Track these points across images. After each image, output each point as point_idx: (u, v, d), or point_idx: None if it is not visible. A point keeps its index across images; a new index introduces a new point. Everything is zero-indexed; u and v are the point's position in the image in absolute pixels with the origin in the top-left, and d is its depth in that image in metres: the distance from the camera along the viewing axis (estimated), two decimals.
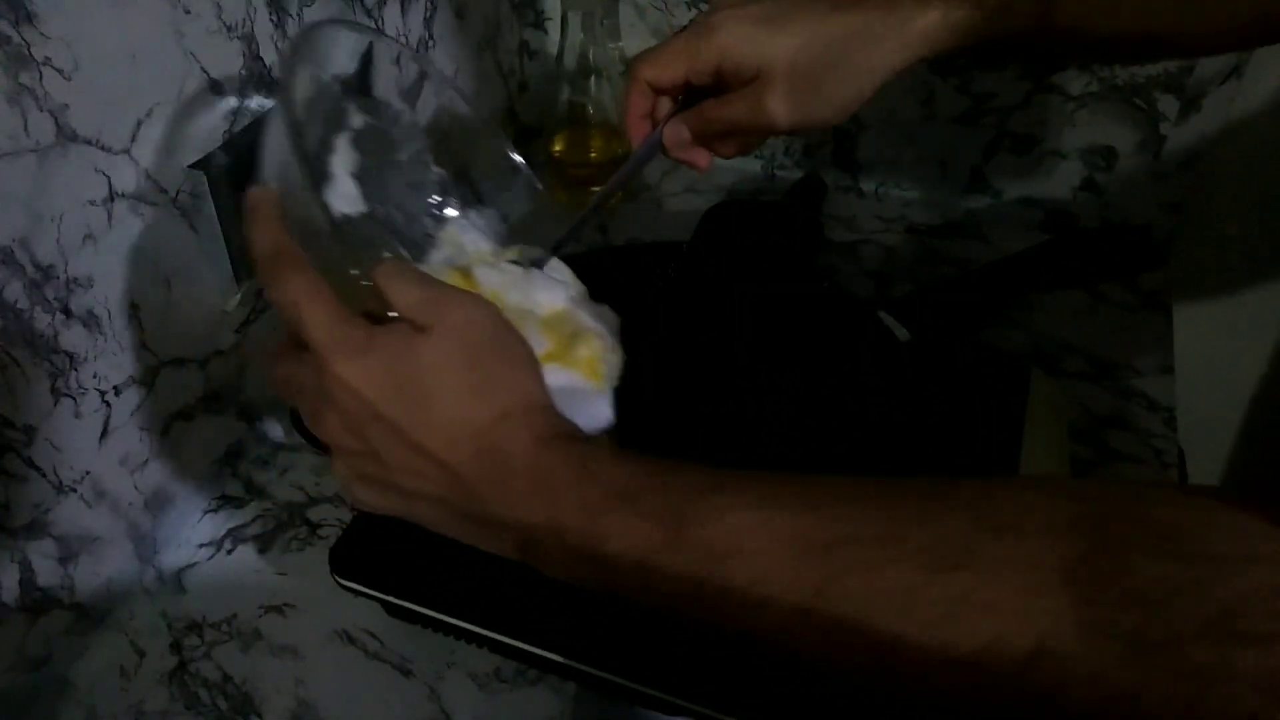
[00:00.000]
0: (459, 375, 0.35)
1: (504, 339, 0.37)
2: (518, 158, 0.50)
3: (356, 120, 0.46)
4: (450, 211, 0.50)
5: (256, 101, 0.55)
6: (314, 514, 0.59)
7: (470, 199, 0.51)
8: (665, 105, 0.50)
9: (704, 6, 0.79)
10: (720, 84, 0.48)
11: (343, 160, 0.45)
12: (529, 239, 0.48)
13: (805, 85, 0.47)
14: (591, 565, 0.33)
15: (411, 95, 0.48)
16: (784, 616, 0.30)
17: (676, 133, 0.50)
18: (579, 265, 0.46)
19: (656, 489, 0.33)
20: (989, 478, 0.31)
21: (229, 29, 0.52)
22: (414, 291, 0.36)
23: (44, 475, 0.47)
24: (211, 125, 0.52)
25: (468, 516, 0.36)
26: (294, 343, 0.38)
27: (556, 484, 0.34)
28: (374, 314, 0.37)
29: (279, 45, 0.56)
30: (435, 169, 0.50)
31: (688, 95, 0.49)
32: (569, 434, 0.36)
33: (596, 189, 0.53)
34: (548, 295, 0.42)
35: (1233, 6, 0.46)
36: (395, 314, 0.36)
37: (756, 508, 0.31)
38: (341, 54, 0.45)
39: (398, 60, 0.47)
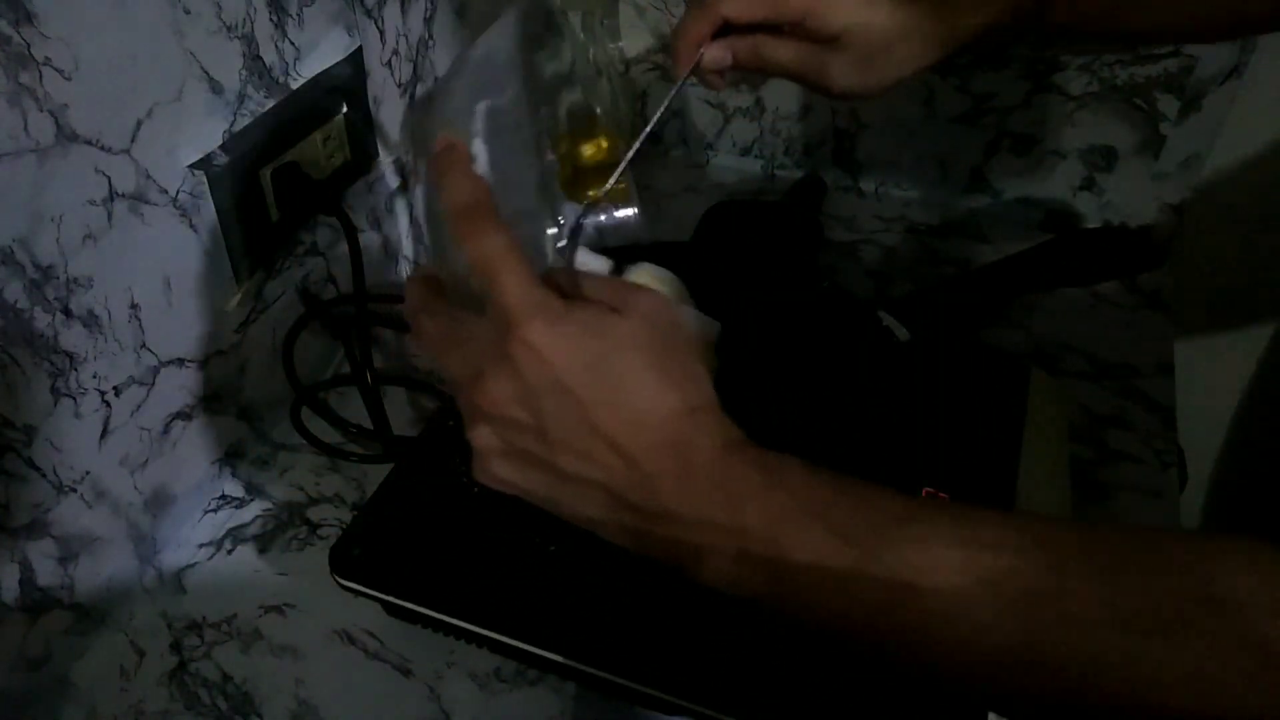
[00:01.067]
0: (651, 362, 0.34)
1: (685, 335, 0.36)
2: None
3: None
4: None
5: (256, 101, 0.55)
6: (314, 514, 0.59)
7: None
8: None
9: None
10: (786, 30, 0.50)
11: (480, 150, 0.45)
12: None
13: (870, 56, 0.48)
14: (768, 575, 0.32)
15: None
16: (979, 659, 0.30)
17: (721, 57, 0.50)
18: None
19: (850, 506, 0.32)
20: (1199, 534, 0.30)
21: (229, 29, 0.52)
22: (602, 278, 0.35)
23: (44, 475, 0.47)
24: (211, 125, 0.52)
25: (633, 509, 0.34)
26: (464, 299, 0.36)
27: (744, 487, 0.33)
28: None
29: (279, 45, 0.56)
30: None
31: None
32: (749, 440, 0.35)
33: (593, 192, 0.52)
34: None
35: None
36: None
37: (959, 545, 0.30)
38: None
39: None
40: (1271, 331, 0.82)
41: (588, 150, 0.69)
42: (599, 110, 0.78)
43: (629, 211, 0.46)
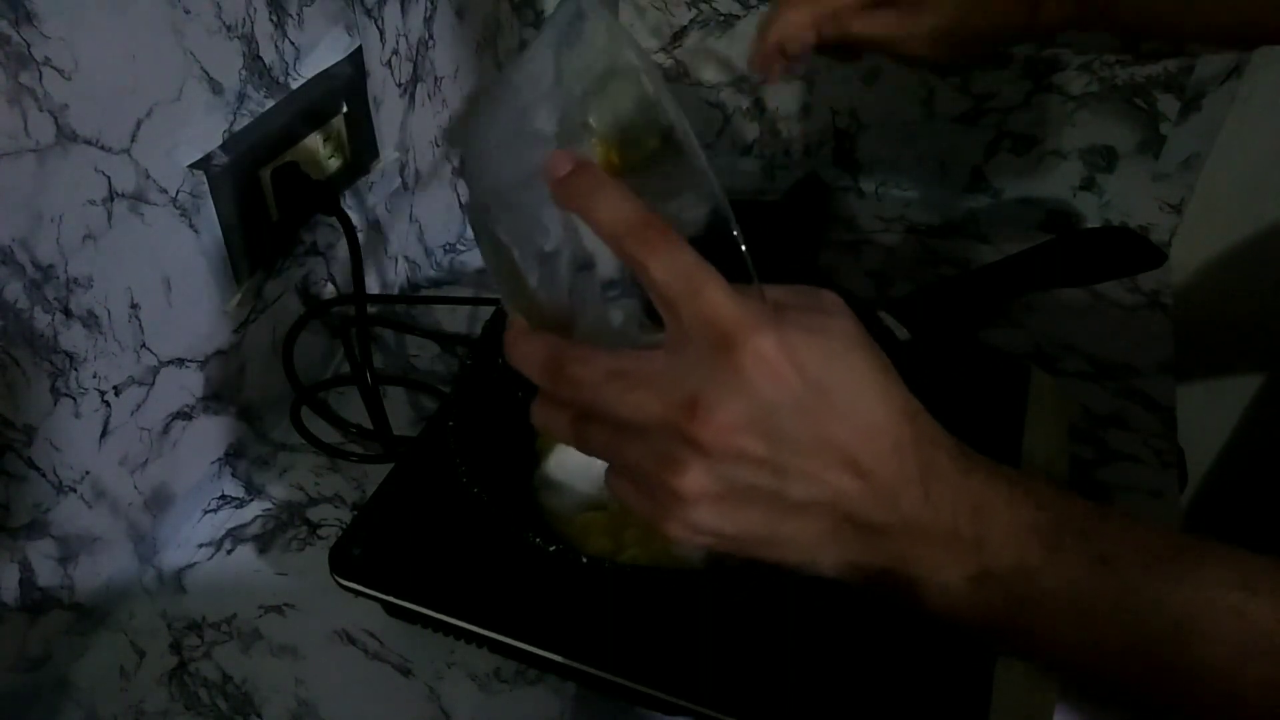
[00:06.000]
0: (872, 361, 0.31)
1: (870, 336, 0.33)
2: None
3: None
4: None
5: (256, 101, 0.55)
6: (314, 514, 0.59)
7: None
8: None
9: (704, 7, 0.80)
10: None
11: None
12: None
13: (962, 18, 0.49)
14: (1008, 599, 0.29)
15: None
16: (1254, 713, 0.27)
17: (803, 35, 0.51)
18: None
19: (1114, 530, 0.29)
20: None
21: (229, 29, 0.52)
22: (771, 285, 0.32)
23: (44, 475, 0.47)
24: (211, 125, 0.52)
25: (862, 528, 0.31)
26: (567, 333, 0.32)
27: (990, 497, 0.30)
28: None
29: (279, 45, 0.56)
30: None
31: None
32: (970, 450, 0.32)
33: None
34: None
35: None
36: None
37: (1238, 587, 0.28)
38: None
39: None
40: (1271, 331, 0.82)
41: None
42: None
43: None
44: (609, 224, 0.30)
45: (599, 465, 0.48)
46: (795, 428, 0.29)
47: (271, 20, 0.55)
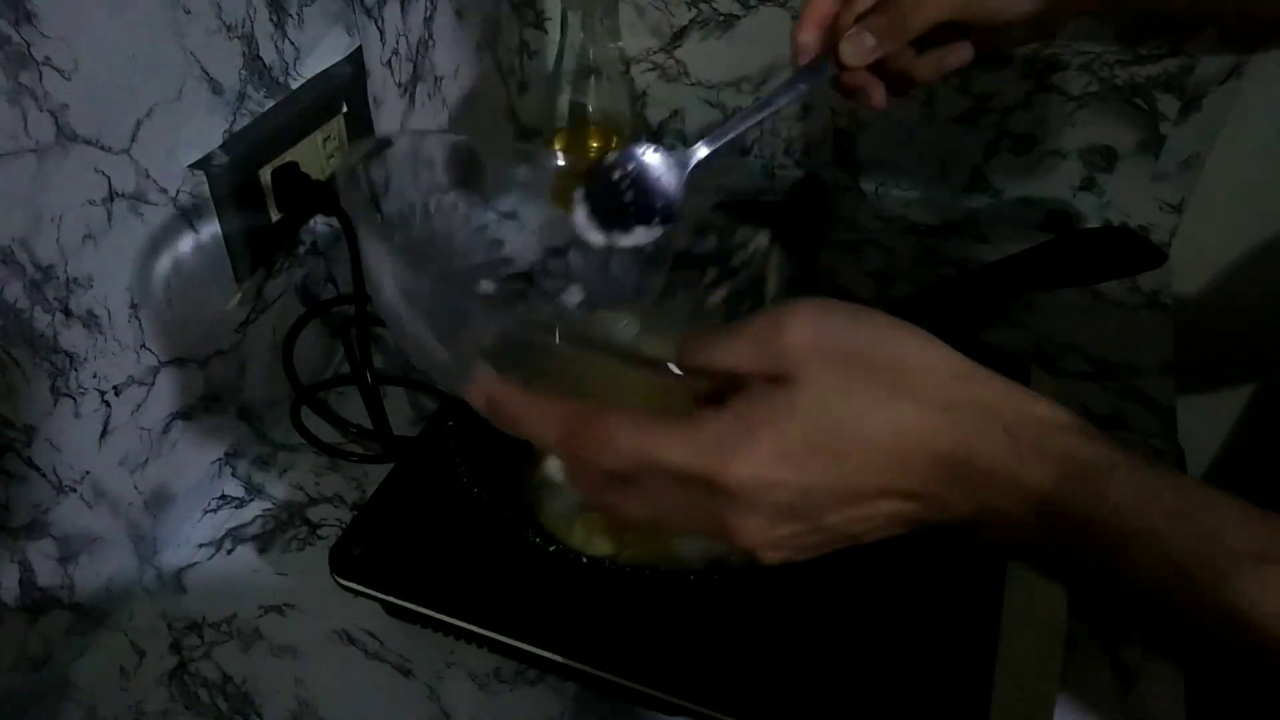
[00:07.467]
0: (860, 401, 0.30)
1: (872, 331, 0.32)
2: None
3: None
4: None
5: (256, 101, 0.55)
6: (314, 514, 0.59)
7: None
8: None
9: (704, 7, 0.80)
10: None
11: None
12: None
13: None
14: (1071, 525, 0.29)
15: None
16: None
17: (860, 41, 0.44)
18: None
19: (1195, 516, 0.29)
20: None
21: (229, 29, 0.52)
22: (740, 344, 0.31)
23: (44, 475, 0.47)
24: (211, 125, 0.52)
25: (927, 521, 0.32)
26: (617, 477, 0.32)
27: (1038, 472, 0.30)
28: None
29: (279, 45, 0.56)
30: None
31: None
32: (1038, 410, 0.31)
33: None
34: None
35: None
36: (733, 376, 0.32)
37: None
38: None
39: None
40: (1272, 331, 0.82)
41: (583, 147, 0.69)
42: (591, 109, 0.78)
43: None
44: (541, 443, 0.33)
45: None
46: (817, 504, 0.31)
47: (271, 20, 0.55)
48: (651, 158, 0.47)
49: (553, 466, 0.50)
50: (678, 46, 0.83)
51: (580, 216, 0.46)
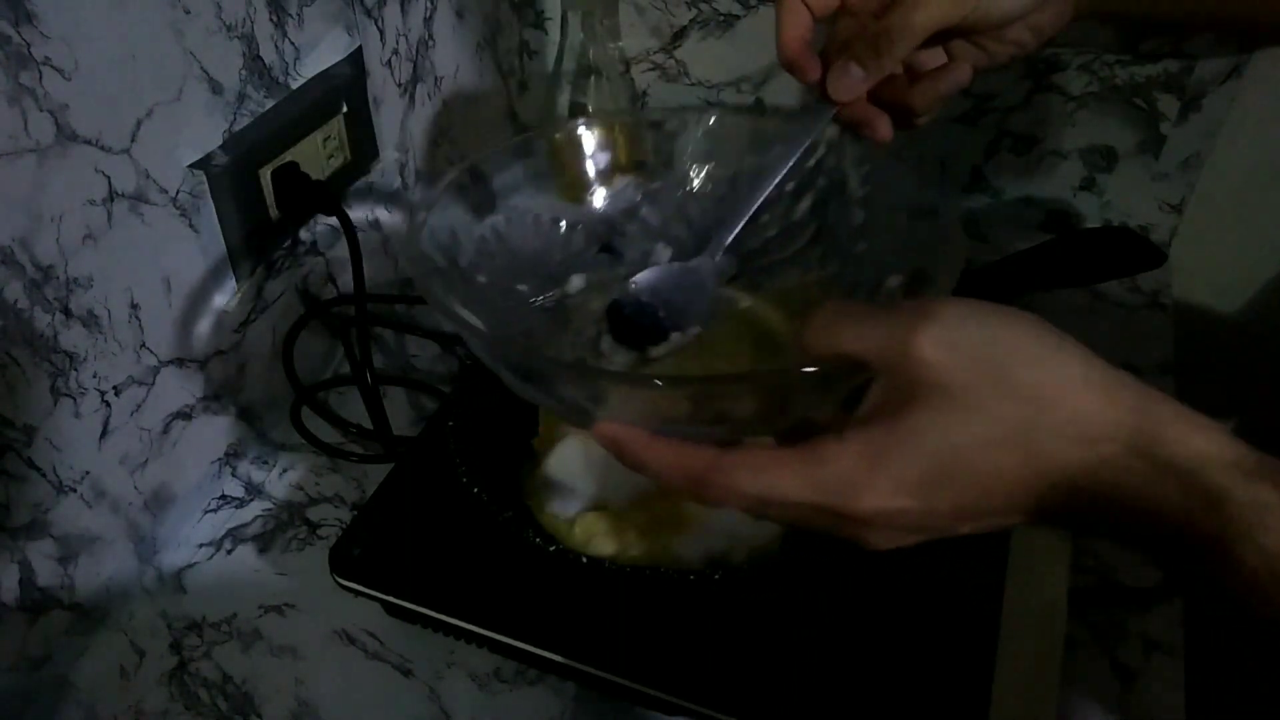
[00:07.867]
0: (982, 430, 0.30)
1: (1010, 350, 0.32)
2: None
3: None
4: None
5: (256, 101, 0.55)
6: (314, 514, 0.59)
7: None
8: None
9: (704, 7, 0.79)
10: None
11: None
12: None
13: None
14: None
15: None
16: None
17: (846, 73, 0.42)
18: None
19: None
20: None
21: (229, 29, 0.52)
22: (873, 331, 0.31)
23: (44, 475, 0.47)
24: (211, 125, 0.52)
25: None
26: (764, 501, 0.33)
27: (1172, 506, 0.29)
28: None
29: (279, 45, 0.56)
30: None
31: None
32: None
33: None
34: None
35: None
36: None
37: None
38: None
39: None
40: (1271, 331, 0.82)
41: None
42: (591, 109, 0.78)
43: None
44: (668, 483, 0.34)
45: (599, 465, 0.48)
46: (948, 523, 0.31)
47: (271, 20, 0.55)
48: (677, 276, 0.47)
49: (553, 466, 0.50)
50: (678, 46, 0.83)
51: (607, 343, 0.46)
